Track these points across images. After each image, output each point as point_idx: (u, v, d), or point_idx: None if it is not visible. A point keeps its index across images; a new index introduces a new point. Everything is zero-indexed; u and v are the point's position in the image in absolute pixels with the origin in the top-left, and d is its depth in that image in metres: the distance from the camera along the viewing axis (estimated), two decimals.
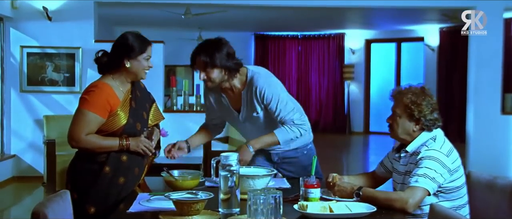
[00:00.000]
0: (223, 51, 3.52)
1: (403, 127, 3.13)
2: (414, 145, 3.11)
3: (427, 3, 8.77)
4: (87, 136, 3.14)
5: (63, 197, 2.76)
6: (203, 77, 3.53)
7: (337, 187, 3.03)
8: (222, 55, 3.51)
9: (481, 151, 8.50)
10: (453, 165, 3.01)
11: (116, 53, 3.28)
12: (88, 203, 3.16)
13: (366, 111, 15.41)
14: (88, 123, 3.14)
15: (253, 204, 2.51)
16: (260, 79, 3.61)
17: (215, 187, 3.39)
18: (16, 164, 8.36)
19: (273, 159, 3.85)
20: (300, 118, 3.66)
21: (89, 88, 3.23)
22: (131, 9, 10.70)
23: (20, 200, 7.58)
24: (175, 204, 2.67)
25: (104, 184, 3.18)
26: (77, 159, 3.29)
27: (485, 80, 8.58)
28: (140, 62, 3.26)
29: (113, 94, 3.21)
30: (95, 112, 3.15)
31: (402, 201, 2.83)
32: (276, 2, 8.59)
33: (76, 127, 3.15)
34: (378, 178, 3.46)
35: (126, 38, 3.27)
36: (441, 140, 3.08)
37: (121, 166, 3.23)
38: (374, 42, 15.35)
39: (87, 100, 3.17)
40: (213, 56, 3.48)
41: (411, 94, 3.10)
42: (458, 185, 3.04)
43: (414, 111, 3.07)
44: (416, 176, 2.91)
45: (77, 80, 8.29)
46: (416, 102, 3.07)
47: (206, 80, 3.56)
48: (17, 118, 8.36)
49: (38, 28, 8.25)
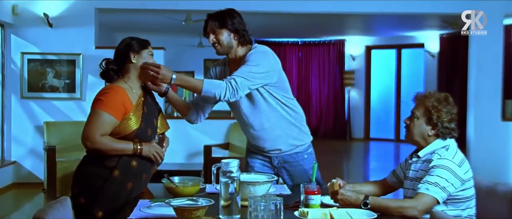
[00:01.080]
0: (234, 18, 3.64)
1: (420, 129, 3.13)
2: (426, 151, 3.12)
3: (427, 10, 8.77)
4: (102, 137, 3.14)
5: (63, 203, 2.76)
6: (212, 39, 3.61)
7: (340, 195, 2.96)
8: (233, 20, 3.62)
9: (481, 158, 8.49)
10: (465, 175, 3.01)
11: (120, 54, 3.34)
12: (96, 207, 3.15)
13: (366, 117, 15.40)
14: (103, 124, 3.14)
15: (253, 211, 2.51)
16: (257, 48, 3.67)
17: (215, 193, 3.38)
18: (16, 170, 8.35)
19: (273, 163, 3.84)
20: (242, 84, 3.46)
21: (104, 90, 3.25)
22: (132, 15, 10.70)
23: (20, 206, 7.56)
24: (176, 210, 2.67)
25: (113, 188, 3.18)
26: (87, 163, 3.29)
27: (485, 87, 8.57)
28: (145, 58, 3.33)
29: (128, 97, 3.24)
30: (110, 113, 3.15)
31: (414, 209, 2.84)
32: (277, 8, 8.59)
33: (91, 127, 3.15)
34: (388, 186, 3.44)
35: (125, 39, 3.38)
36: (454, 150, 3.08)
37: (131, 171, 3.24)
38: (375, 49, 15.36)
39: (103, 101, 3.17)
40: (224, 19, 3.60)
41: (434, 99, 3.12)
42: (468, 195, 3.04)
43: (433, 115, 3.08)
44: (427, 184, 2.91)
45: (77, 86, 8.29)
46: (437, 107, 3.09)
47: (215, 43, 3.62)
48: (17, 125, 8.35)
49: (39, 35, 8.25)
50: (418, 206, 2.84)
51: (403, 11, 8.81)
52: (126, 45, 3.33)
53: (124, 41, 3.36)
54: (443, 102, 3.11)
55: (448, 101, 3.13)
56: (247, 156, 3.94)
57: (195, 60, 15.48)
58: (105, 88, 3.28)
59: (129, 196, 3.23)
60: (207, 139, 8.17)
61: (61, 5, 8.22)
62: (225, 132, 8.46)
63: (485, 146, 8.58)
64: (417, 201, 2.86)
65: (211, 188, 3.50)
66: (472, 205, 3.08)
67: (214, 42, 3.63)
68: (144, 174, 3.32)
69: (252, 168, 3.84)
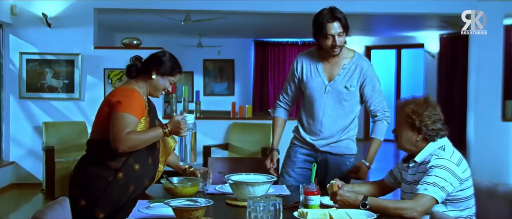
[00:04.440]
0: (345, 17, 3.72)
1: (406, 137, 3.12)
2: (422, 155, 3.09)
3: (427, 10, 8.76)
4: (129, 134, 3.12)
5: (62, 204, 2.75)
6: (340, 42, 3.69)
7: (339, 196, 2.96)
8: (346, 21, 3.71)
9: (481, 158, 8.47)
10: (463, 174, 2.99)
11: (148, 62, 3.35)
12: (98, 209, 3.15)
13: (366, 117, 15.36)
14: (128, 124, 3.14)
15: (253, 212, 2.50)
16: (367, 62, 3.83)
17: (215, 193, 3.38)
18: (15, 171, 8.33)
19: (317, 159, 3.89)
20: (386, 106, 3.84)
21: (122, 92, 3.25)
22: (131, 15, 10.69)
23: (19, 207, 7.55)
24: (175, 211, 2.67)
25: (115, 190, 3.18)
26: (87, 164, 3.27)
27: (485, 87, 8.56)
28: (164, 82, 3.35)
29: (143, 101, 3.28)
30: (132, 114, 3.16)
31: (412, 210, 2.83)
32: (276, 8, 8.57)
33: (117, 130, 3.11)
34: (385, 187, 3.44)
35: (164, 54, 3.38)
36: (450, 149, 3.07)
37: (133, 174, 3.24)
38: (374, 49, 15.34)
39: (123, 103, 3.16)
40: (347, 21, 3.69)
41: (413, 105, 3.10)
42: (467, 195, 3.03)
43: (415, 121, 3.06)
44: (425, 184, 2.90)
45: (76, 86, 8.27)
46: (417, 112, 3.07)
47: (339, 46, 3.69)
48: (16, 125, 8.33)
49: (37, 35, 8.23)
50: (417, 207, 2.83)
51: (403, 11, 8.80)
52: (158, 61, 3.33)
53: (162, 52, 3.38)
54: (422, 105, 3.09)
55: (428, 103, 3.11)
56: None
57: (194, 60, 15.48)
58: (123, 89, 3.28)
59: (129, 199, 3.24)
60: (207, 140, 8.15)
61: (59, 5, 8.20)
62: (225, 133, 8.44)
63: (485, 146, 8.57)
64: (416, 202, 2.86)
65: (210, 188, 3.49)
66: (472, 205, 3.07)
67: (335, 44, 3.71)
68: (146, 179, 3.33)
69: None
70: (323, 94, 3.78)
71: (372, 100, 3.79)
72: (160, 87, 3.36)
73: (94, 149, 3.28)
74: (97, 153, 3.25)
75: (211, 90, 15.89)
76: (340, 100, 3.78)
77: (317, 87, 3.80)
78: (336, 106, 3.78)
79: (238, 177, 3.28)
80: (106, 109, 3.21)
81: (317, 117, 3.81)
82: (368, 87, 3.77)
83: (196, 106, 8.68)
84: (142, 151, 3.25)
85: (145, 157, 3.29)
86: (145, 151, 3.28)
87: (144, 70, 3.34)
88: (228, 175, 3.27)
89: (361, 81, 3.76)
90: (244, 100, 15.06)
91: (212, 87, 15.95)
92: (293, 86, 3.94)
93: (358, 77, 3.75)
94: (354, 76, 3.75)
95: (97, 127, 3.28)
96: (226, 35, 14.76)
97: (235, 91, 15.95)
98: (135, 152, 3.21)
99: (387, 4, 8.54)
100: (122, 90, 3.28)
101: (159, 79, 3.33)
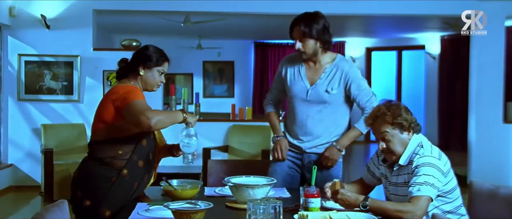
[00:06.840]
0: (320, 24, 3.73)
1: (400, 140, 3.11)
2: (404, 157, 3.10)
3: (428, 11, 8.75)
4: (151, 111, 3.09)
5: (61, 207, 2.75)
6: (298, 46, 3.74)
7: (340, 195, 2.97)
8: (319, 27, 3.71)
9: (483, 160, 8.47)
10: (445, 167, 3.04)
11: (134, 60, 3.41)
12: (104, 207, 3.17)
13: None
14: (145, 105, 3.15)
15: (253, 214, 2.50)
16: (348, 63, 3.84)
17: (214, 196, 3.35)
18: (13, 173, 8.31)
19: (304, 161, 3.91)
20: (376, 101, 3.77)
21: (123, 88, 3.25)
22: (130, 17, 10.68)
23: (17, 210, 7.52)
24: (174, 213, 2.67)
25: (121, 187, 3.21)
26: (91, 165, 3.27)
27: (487, 89, 8.55)
28: (153, 74, 3.39)
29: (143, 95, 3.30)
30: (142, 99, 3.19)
31: (413, 213, 2.83)
32: (276, 10, 8.56)
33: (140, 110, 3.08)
34: (367, 185, 3.47)
35: (147, 48, 3.41)
36: (428, 144, 3.11)
37: (137, 171, 3.28)
38: (375, 50, 15.35)
39: (131, 94, 3.18)
40: (311, 27, 3.69)
41: (385, 109, 3.12)
42: (453, 186, 3.07)
43: (402, 121, 3.08)
44: (417, 185, 2.91)
45: (75, 88, 8.24)
46: (395, 112, 3.09)
47: (301, 51, 3.74)
48: (14, 127, 8.31)
49: (36, 36, 8.21)
50: (417, 211, 2.84)
51: (404, 12, 8.80)
52: (143, 56, 3.37)
53: (145, 47, 3.41)
54: (392, 107, 3.12)
55: (392, 103, 3.17)
56: None
57: (194, 62, 15.49)
58: (124, 86, 3.29)
59: (133, 196, 3.27)
60: (206, 142, 8.13)
61: (58, 7, 8.18)
62: (224, 135, 8.42)
63: (486, 148, 8.55)
64: (415, 205, 2.86)
65: (210, 191, 3.46)
66: (458, 195, 3.10)
67: (300, 49, 3.78)
68: (146, 175, 3.36)
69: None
70: (305, 97, 3.83)
71: (360, 99, 3.82)
72: (152, 80, 3.39)
73: (97, 149, 3.28)
74: (100, 153, 3.25)
75: (211, 92, 15.89)
76: (323, 103, 3.81)
77: (299, 91, 3.85)
78: (319, 109, 3.82)
79: (238, 179, 3.27)
80: (111, 108, 3.21)
81: (301, 120, 3.86)
82: (353, 87, 3.79)
83: (196, 108, 8.65)
84: (143, 147, 3.29)
85: (146, 153, 3.32)
86: (146, 147, 3.31)
87: (132, 69, 3.38)
88: (228, 178, 3.25)
89: (345, 83, 3.79)
90: (244, 102, 15.05)
91: (212, 89, 15.94)
92: (280, 86, 4.02)
93: (339, 80, 3.78)
94: (335, 79, 3.78)
95: (99, 126, 3.28)
96: (226, 37, 14.76)
97: (235, 93, 15.94)
98: (137, 148, 3.25)
99: (388, 5, 8.53)
100: (123, 87, 3.30)
101: (147, 72, 3.37)
